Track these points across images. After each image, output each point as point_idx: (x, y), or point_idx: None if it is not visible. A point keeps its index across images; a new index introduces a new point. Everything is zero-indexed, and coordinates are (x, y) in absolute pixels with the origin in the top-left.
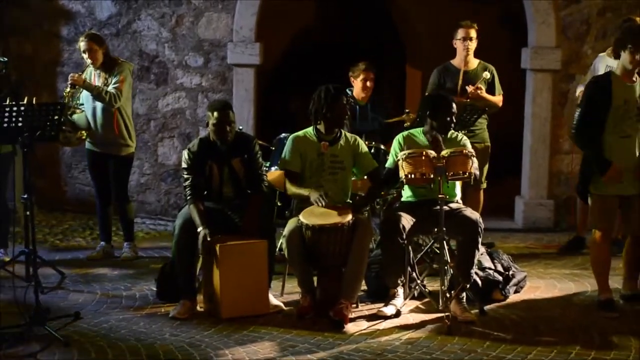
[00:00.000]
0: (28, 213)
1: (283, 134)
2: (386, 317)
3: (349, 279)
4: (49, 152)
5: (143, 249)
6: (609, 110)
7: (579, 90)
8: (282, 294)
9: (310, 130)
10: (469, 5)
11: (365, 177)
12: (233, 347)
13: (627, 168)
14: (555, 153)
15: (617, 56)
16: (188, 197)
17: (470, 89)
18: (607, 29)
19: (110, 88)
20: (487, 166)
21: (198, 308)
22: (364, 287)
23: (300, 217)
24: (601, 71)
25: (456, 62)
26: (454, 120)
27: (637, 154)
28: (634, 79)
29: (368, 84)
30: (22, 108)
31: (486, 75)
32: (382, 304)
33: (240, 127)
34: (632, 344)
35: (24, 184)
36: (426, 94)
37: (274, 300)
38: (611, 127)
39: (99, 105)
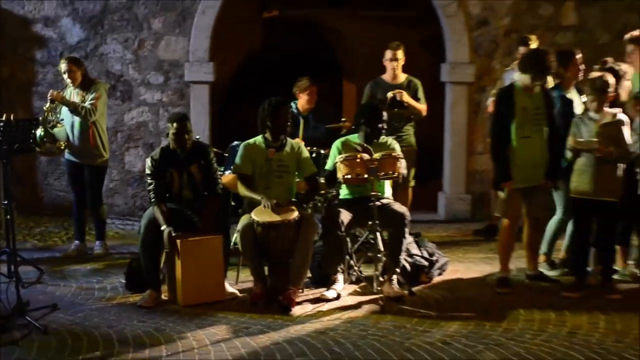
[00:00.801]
0: (9, 217)
1: (235, 142)
2: (328, 300)
3: (296, 268)
4: (27, 163)
5: (113, 247)
6: (513, 116)
7: (490, 100)
8: (237, 282)
9: (259, 138)
10: (395, 27)
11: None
12: (194, 330)
13: (530, 163)
14: (471, 154)
15: (522, 70)
16: (152, 200)
17: (391, 94)
18: (512, 47)
19: (87, 104)
20: (414, 167)
21: (163, 297)
22: (308, 274)
23: (252, 214)
24: (505, 82)
25: (386, 77)
26: (385, 127)
27: (538, 151)
28: (534, 91)
29: (310, 97)
30: (1, 124)
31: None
32: (325, 289)
33: (198, 137)
34: (536, 316)
35: (4, 192)
36: (361, 104)
37: (229, 288)
38: (516, 129)
39: (77, 119)
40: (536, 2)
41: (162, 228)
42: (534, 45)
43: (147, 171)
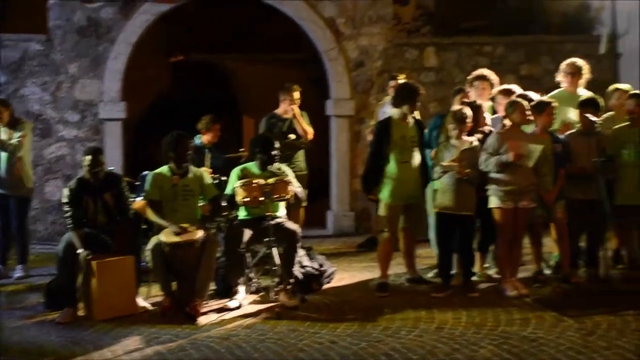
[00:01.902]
0: None
1: (145, 172)
2: (230, 310)
3: (201, 282)
4: None
5: (34, 269)
6: (390, 144)
7: (368, 130)
8: (148, 297)
9: (165, 168)
10: (287, 68)
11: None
12: (109, 342)
13: (408, 184)
14: (354, 177)
15: (396, 105)
16: (69, 226)
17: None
18: (384, 85)
19: (14, 141)
20: (306, 189)
21: (79, 313)
22: (213, 287)
23: (160, 236)
24: (381, 116)
25: (280, 111)
26: (278, 155)
27: (414, 173)
28: (407, 121)
29: (214, 133)
30: None
31: (291, 136)
32: (228, 300)
33: (112, 168)
34: (410, 315)
35: None
36: (256, 135)
37: (141, 302)
38: (395, 156)
39: (4, 154)
40: (403, 47)
41: (79, 251)
42: (402, 80)
43: (65, 200)
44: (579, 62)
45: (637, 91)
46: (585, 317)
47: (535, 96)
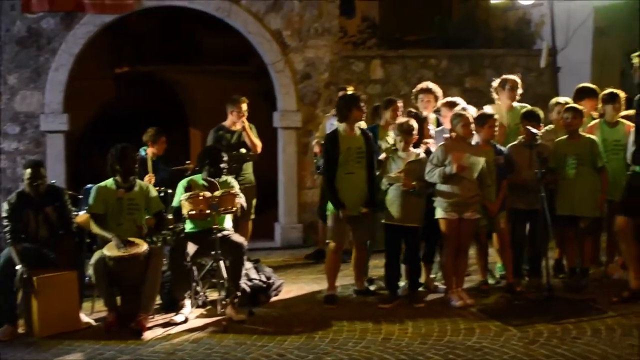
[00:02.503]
0: None
1: (89, 185)
2: (177, 324)
3: (146, 296)
4: None
5: None
6: (338, 155)
7: (315, 142)
8: (92, 312)
9: (110, 181)
10: (236, 81)
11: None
12: (50, 359)
13: (354, 195)
14: (302, 189)
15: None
16: (8, 241)
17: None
18: (331, 97)
19: None
20: (254, 201)
21: (19, 331)
22: (159, 301)
23: (104, 250)
24: (328, 128)
25: (227, 123)
26: (226, 167)
27: (361, 184)
28: (353, 132)
29: (159, 146)
30: None
31: (242, 150)
32: (174, 314)
33: (54, 181)
34: (357, 326)
35: None
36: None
37: (84, 318)
38: (340, 167)
39: None
40: (349, 59)
41: (17, 267)
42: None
43: (4, 214)
44: (514, 77)
45: (573, 104)
46: (528, 325)
47: (472, 109)
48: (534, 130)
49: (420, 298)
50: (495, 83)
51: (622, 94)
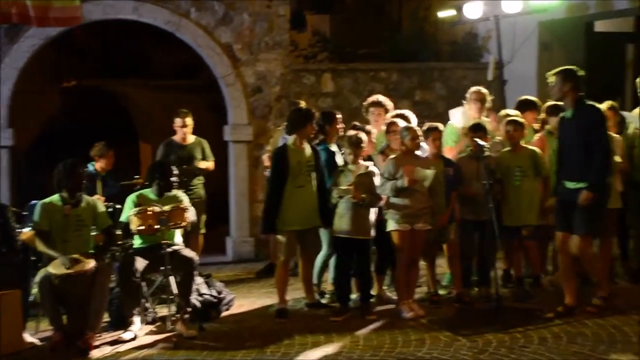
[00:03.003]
0: None
1: (34, 201)
2: (125, 341)
3: (93, 314)
4: None
5: None
6: (287, 169)
7: (266, 155)
8: (36, 332)
9: (56, 197)
10: (186, 94)
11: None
12: None
13: (304, 209)
14: (253, 202)
15: (290, 132)
16: None
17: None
18: (282, 110)
19: None
20: (204, 216)
21: None
22: (107, 318)
23: (49, 267)
24: (281, 142)
25: (177, 138)
26: (176, 182)
27: (310, 198)
28: (303, 147)
29: (107, 160)
30: None
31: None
32: (122, 331)
33: None
34: (309, 340)
35: None
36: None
37: (29, 338)
38: (291, 181)
39: None
40: (300, 73)
41: None
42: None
43: None
44: (484, 90)
45: (514, 117)
46: (477, 335)
47: (414, 120)
48: (482, 142)
49: (372, 310)
50: (469, 95)
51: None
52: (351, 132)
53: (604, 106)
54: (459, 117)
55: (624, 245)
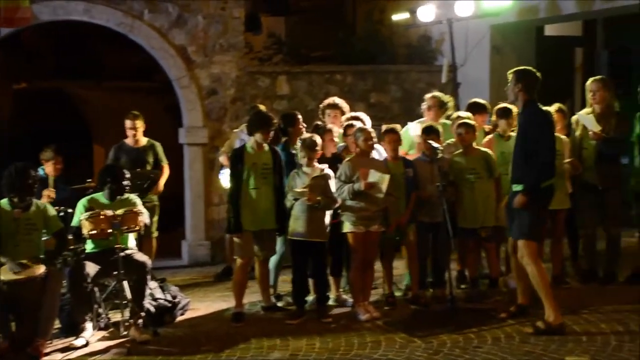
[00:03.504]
0: None
1: None
2: (77, 348)
3: (43, 320)
4: None
5: None
6: (242, 171)
7: (222, 158)
8: None
9: (4, 201)
10: (142, 96)
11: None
12: None
13: (260, 210)
14: (209, 205)
15: (250, 133)
16: None
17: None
18: (238, 112)
19: None
20: (157, 218)
21: None
22: (58, 325)
23: None
24: (238, 144)
25: (129, 141)
26: (128, 185)
27: (267, 200)
28: (261, 149)
29: (56, 164)
30: None
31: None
32: (74, 337)
33: None
34: (264, 343)
35: None
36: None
37: None
38: (246, 182)
39: None
40: (255, 75)
41: None
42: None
43: None
44: (439, 94)
45: (465, 120)
46: (432, 336)
47: (368, 122)
48: (435, 145)
49: (328, 313)
50: (426, 100)
51: (515, 109)
52: (305, 135)
53: (552, 108)
54: (418, 128)
55: (574, 245)
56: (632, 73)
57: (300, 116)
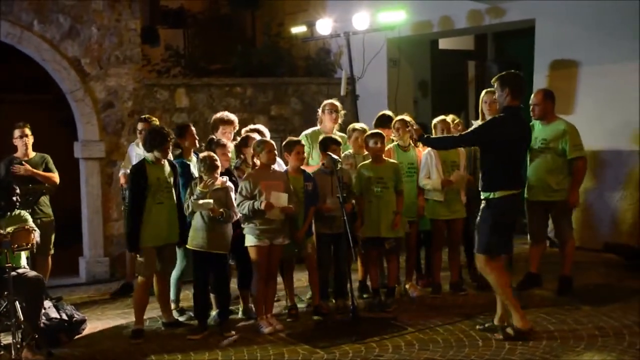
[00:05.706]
0: None
1: None
2: None
3: None
4: None
5: None
6: (146, 186)
7: (121, 172)
8: None
9: None
10: (37, 109)
11: None
12: None
13: (163, 225)
14: (107, 221)
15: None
16: None
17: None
18: (136, 125)
19: None
20: (53, 235)
21: None
22: None
23: None
24: (133, 157)
25: (19, 154)
26: (19, 201)
27: (168, 214)
28: (162, 163)
29: None
30: None
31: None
32: None
33: None
34: (166, 359)
35: None
36: None
37: None
38: (150, 197)
39: None
40: (153, 88)
41: None
42: (154, 123)
43: None
44: (337, 102)
45: (377, 130)
46: (335, 347)
47: (267, 135)
48: (335, 156)
49: (230, 327)
50: (322, 108)
51: (412, 121)
52: (204, 154)
53: (448, 119)
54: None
55: (470, 253)
56: None
57: (193, 127)
